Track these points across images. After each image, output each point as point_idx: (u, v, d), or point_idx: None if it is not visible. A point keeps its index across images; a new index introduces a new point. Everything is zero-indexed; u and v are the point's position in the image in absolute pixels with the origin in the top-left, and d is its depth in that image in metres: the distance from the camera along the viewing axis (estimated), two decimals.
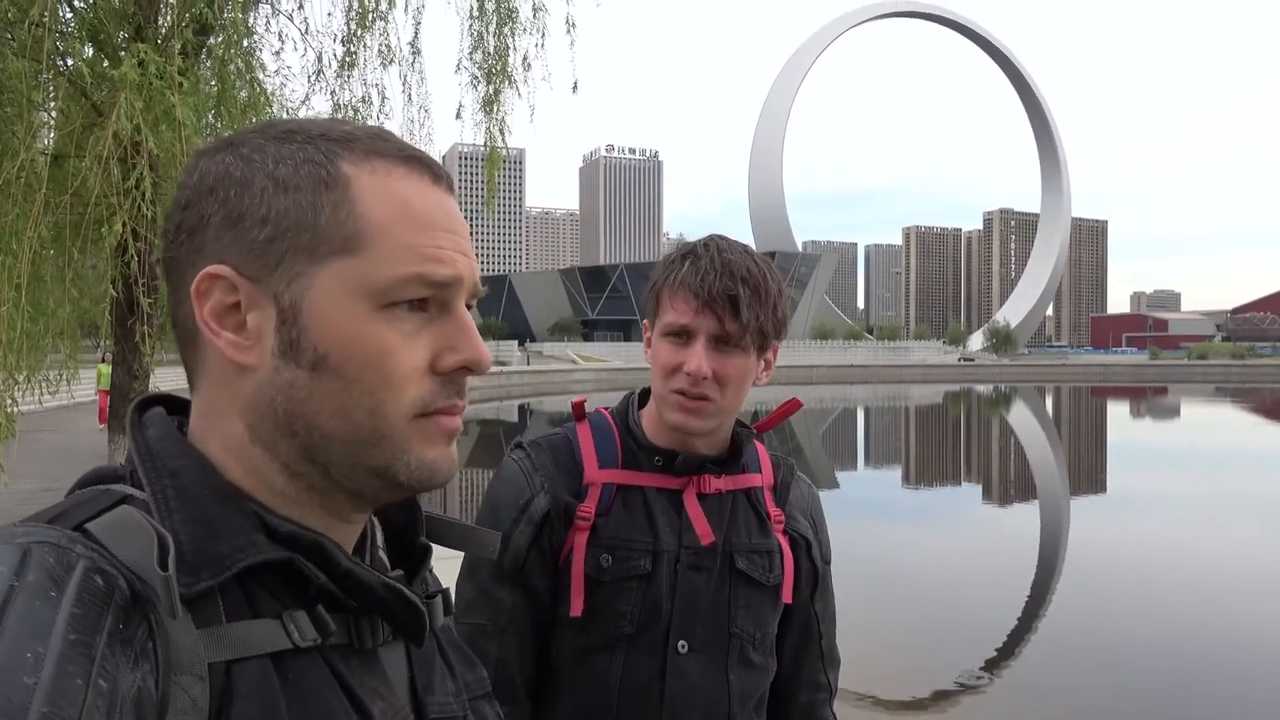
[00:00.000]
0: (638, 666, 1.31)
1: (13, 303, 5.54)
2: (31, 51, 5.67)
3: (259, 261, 0.62)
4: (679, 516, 1.34)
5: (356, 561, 0.64)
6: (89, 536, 0.56)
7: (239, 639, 0.58)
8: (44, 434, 14.90)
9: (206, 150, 0.66)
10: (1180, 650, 7.12)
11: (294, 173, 0.63)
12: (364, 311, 0.62)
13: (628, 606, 1.31)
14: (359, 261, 0.62)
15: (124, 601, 0.53)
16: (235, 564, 0.59)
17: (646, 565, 1.32)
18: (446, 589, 0.76)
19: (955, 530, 12.89)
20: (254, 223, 0.62)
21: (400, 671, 0.69)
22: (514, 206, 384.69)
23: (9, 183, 5.66)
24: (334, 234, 0.62)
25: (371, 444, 0.63)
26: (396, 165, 0.65)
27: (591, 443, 1.38)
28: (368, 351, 0.62)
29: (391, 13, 7.36)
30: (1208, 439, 27.77)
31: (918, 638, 7.50)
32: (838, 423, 35.35)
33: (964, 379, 75.62)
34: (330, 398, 0.62)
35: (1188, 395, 54.27)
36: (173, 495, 0.61)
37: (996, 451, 25.06)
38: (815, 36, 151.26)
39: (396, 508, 0.74)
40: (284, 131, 0.65)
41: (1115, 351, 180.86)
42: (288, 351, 0.62)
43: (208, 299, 0.62)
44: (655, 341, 1.33)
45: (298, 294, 0.62)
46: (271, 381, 0.63)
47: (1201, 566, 9.94)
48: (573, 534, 1.32)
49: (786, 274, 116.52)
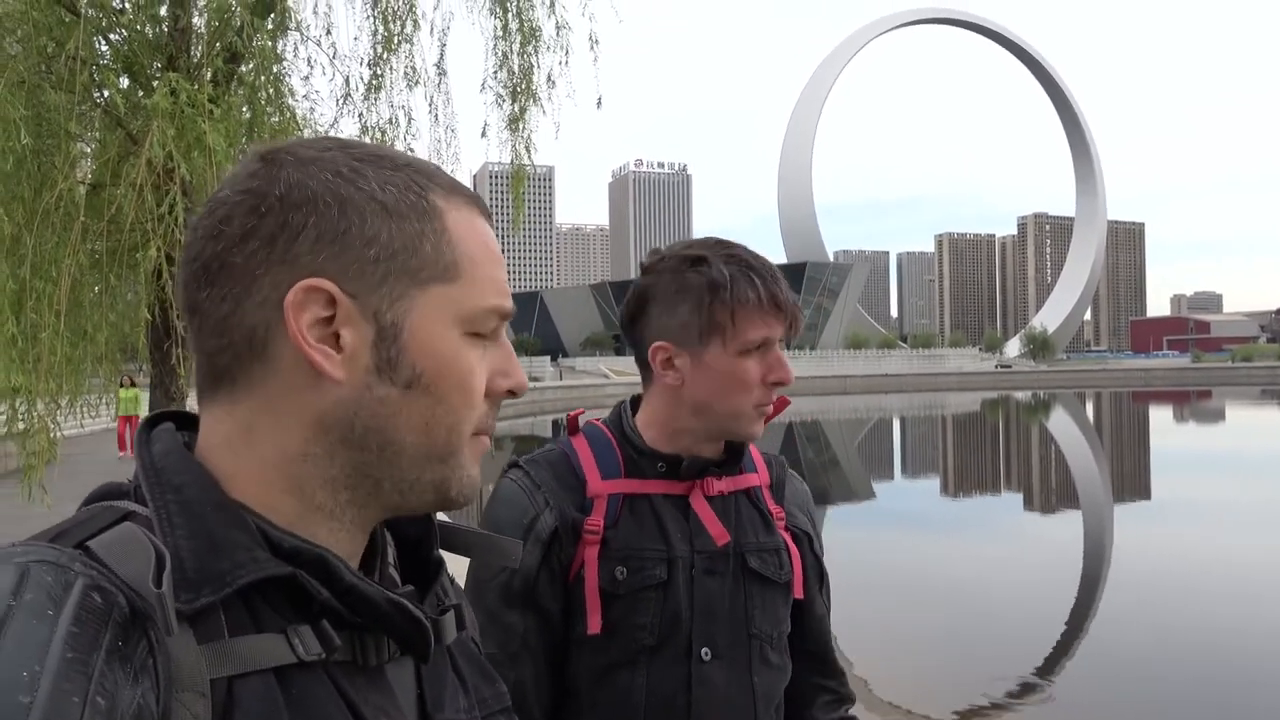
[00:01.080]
0: (661, 679, 1.28)
1: (53, 329, 5.68)
2: (68, 84, 5.82)
3: (361, 280, 0.63)
4: (687, 521, 1.33)
5: (360, 576, 0.64)
6: (89, 554, 0.56)
7: (241, 654, 0.58)
8: (85, 456, 15.18)
9: (276, 158, 0.65)
10: (1230, 667, 6.92)
11: (398, 200, 0.65)
12: (456, 336, 0.66)
13: (647, 618, 1.28)
14: (455, 289, 0.66)
15: (123, 619, 0.53)
16: (237, 580, 0.59)
17: (662, 573, 1.29)
18: (460, 604, 0.75)
19: (995, 540, 12.69)
20: (362, 242, 0.63)
21: (408, 688, 0.69)
22: (544, 223, 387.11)
23: (49, 211, 5.81)
24: (435, 262, 0.65)
25: (441, 459, 0.66)
26: (466, 202, 0.69)
27: (590, 455, 1.35)
28: (459, 373, 0.66)
29: (416, 35, 7.48)
30: (1256, 443, 27.13)
31: (955, 650, 7.38)
32: (873, 433, 35.04)
33: (1001, 386, 74.66)
34: (417, 414, 0.65)
35: (1233, 398, 53.10)
36: (175, 511, 0.61)
37: (1037, 459, 24.67)
38: (842, 46, 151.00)
39: (410, 521, 0.74)
40: (369, 154, 0.67)
41: (1156, 355, 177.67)
42: (384, 369, 0.64)
43: (304, 310, 0.62)
44: (726, 360, 1.29)
45: (399, 314, 0.64)
46: (358, 397, 0.64)
47: (1255, 578, 9.67)
48: (582, 549, 1.29)
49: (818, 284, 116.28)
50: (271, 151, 0.65)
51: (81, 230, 5.88)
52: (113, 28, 6.66)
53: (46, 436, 6.28)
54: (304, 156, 0.65)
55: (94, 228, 6.01)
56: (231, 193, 0.64)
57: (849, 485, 19.06)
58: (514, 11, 7.52)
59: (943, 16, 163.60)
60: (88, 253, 6.23)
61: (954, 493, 18.32)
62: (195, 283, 0.64)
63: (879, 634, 7.77)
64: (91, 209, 6.10)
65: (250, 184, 0.64)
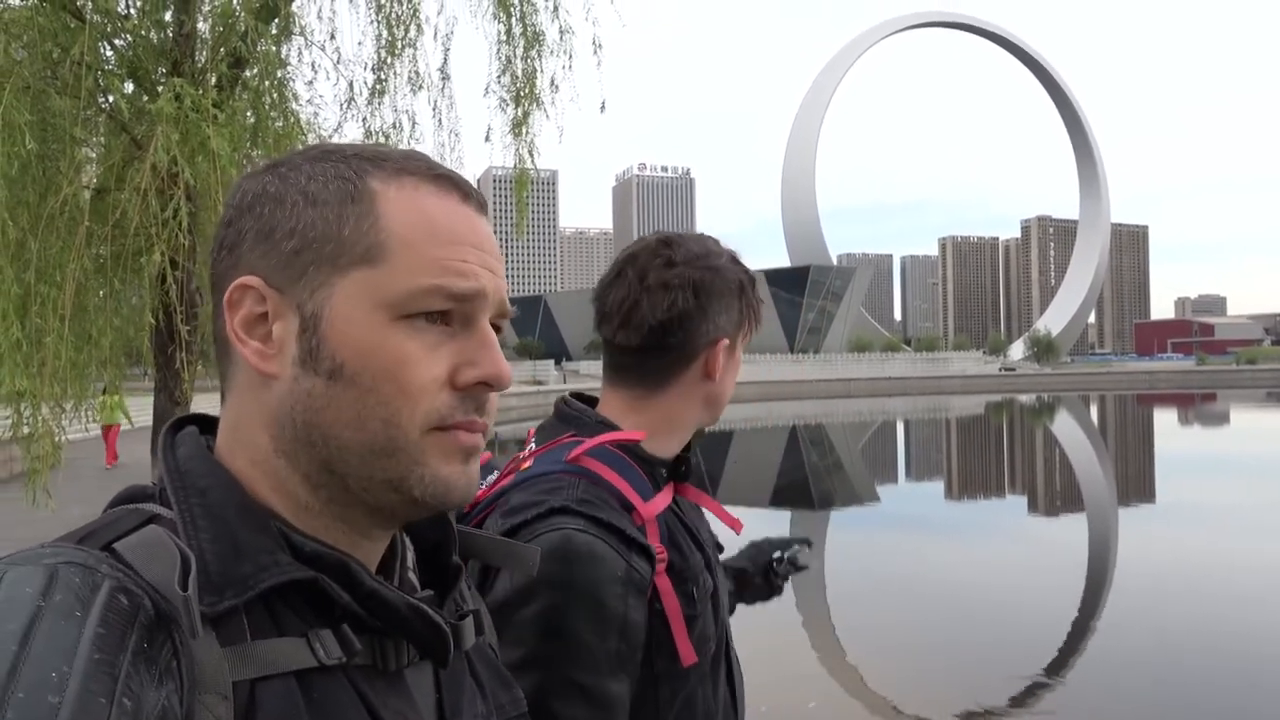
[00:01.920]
0: (718, 685, 1.29)
1: (57, 333, 5.69)
2: (73, 89, 5.83)
3: (285, 272, 0.64)
4: (690, 522, 1.32)
5: (381, 581, 0.64)
6: (116, 556, 0.57)
7: (263, 657, 0.59)
8: (89, 461, 15.20)
9: (252, 173, 0.69)
10: (1233, 671, 6.89)
11: (323, 188, 0.65)
12: (382, 321, 0.63)
13: (712, 629, 1.27)
14: (379, 272, 0.63)
15: (149, 621, 0.54)
16: (259, 583, 0.60)
17: (710, 580, 1.28)
18: (478, 609, 0.75)
19: (1000, 544, 12.66)
20: (283, 235, 0.64)
21: (427, 693, 0.69)
22: (548, 227, 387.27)
23: (53, 216, 5.83)
24: (356, 245, 0.63)
25: (386, 455, 0.63)
26: (425, 182, 0.66)
27: (619, 476, 1.21)
28: (384, 361, 0.63)
29: (420, 40, 7.49)
30: (1261, 445, 27.05)
31: (959, 654, 7.36)
32: (877, 436, 34.98)
33: (1005, 389, 74.51)
34: (346, 407, 0.63)
35: (1238, 401, 52.95)
36: (199, 514, 0.62)
37: (1041, 462, 24.62)
38: (846, 49, 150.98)
39: (429, 525, 0.74)
40: (322, 152, 0.67)
41: (1160, 358, 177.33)
42: (307, 360, 0.63)
43: (238, 309, 0.65)
44: (739, 354, 1.35)
45: (319, 303, 0.63)
46: (291, 391, 0.64)
47: (1262, 582, 9.63)
48: (652, 579, 1.18)
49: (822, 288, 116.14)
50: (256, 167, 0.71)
51: (86, 235, 5.89)
52: (118, 33, 6.67)
53: (51, 441, 6.29)
54: (268, 165, 0.68)
55: (98, 232, 6.03)
56: (224, 208, 0.69)
57: (853, 489, 19.02)
58: (517, 16, 7.54)
59: (946, 20, 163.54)
60: (92, 257, 6.25)
61: (958, 496, 18.28)
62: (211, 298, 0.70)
63: (882, 637, 7.75)
64: (96, 214, 6.11)
65: (228, 200, 0.69)
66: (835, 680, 6.61)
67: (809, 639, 7.53)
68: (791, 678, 6.34)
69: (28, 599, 0.50)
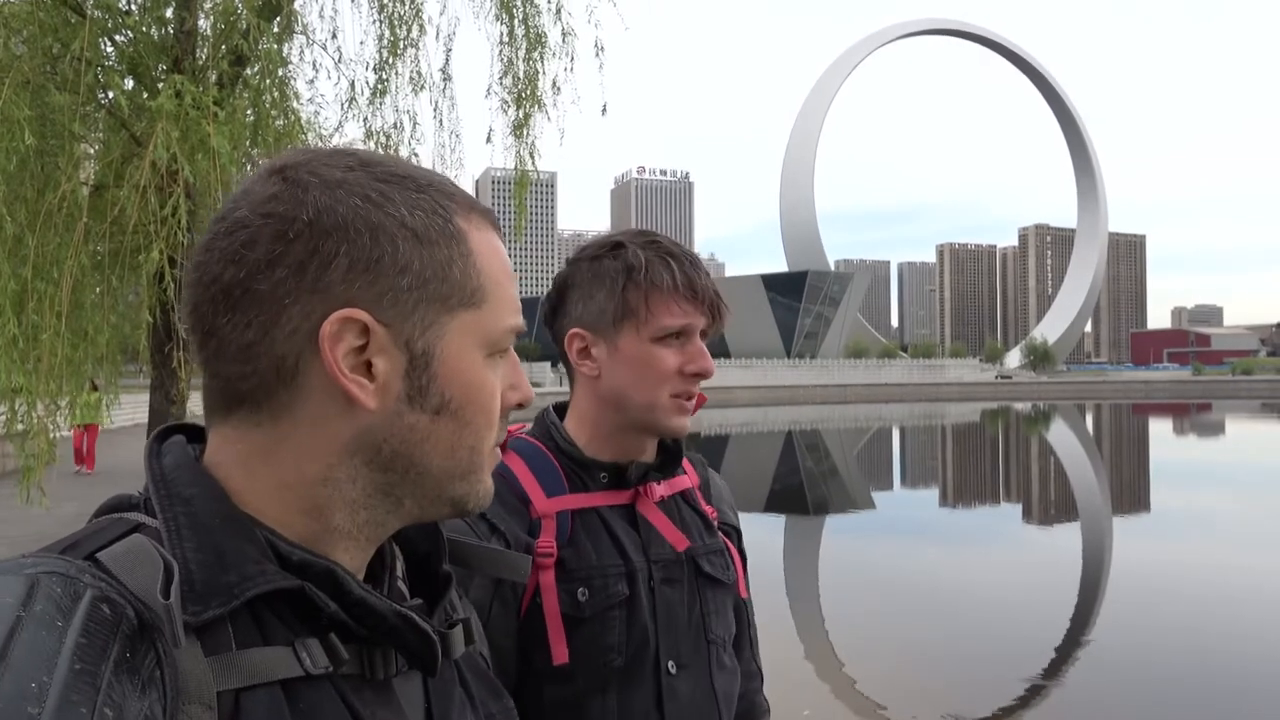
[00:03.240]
0: (632, 701, 1.22)
1: (54, 330, 5.67)
2: (73, 85, 5.82)
3: (395, 309, 0.63)
4: (637, 531, 1.28)
5: (369, 590, 0.64)
6: (99, 566, 0.56)
7: (248, 667, 0.58)
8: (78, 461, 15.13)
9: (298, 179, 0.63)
10: (1226, 678, 6.90)
11: (427, 225, 0.65)
12: (481, 360, 0.67)
13: (615, 638, 1.22)
14: (481, 314, 0.67)
15: (131, 630, 0.53)
16: (244, 592, 0.59)
17: (624, 589, 1.24)
18: (469, 618, 0.75)
19: (994, 552, 12.66)
20: (392, 270, 0.63)
21: (416, 702, 0.69)
22: (546, 229, 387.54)
23: (51, 212, 5.81)
24: (464, 287, 0.66)
25: (462, 478, 0.67)
26: (485, 220, 0.69)
27: (529, 471, 1.26)
28: (484, 397, 0.68)
29: (422, 40, 7.48)
30: (1255, 456, 27.11)
31: (953, 662, 7.35)
32: (873, 442, 35.01)
33: (1001, 396, 74.66)
34: (444, 439, 0.66)
35: (1232, 411, 53.11)
36: (184, 523, 0.61)
37: (1036, 470, 24.64)
38: (845, 55, 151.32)
39: (420, 535, 0.75)
40: (393, 175, 0.65)
41: (1156, 367, 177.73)
42: (415, 396, 0.64)
43: (340, 341, 0.62)
44: (640, 346, 1.25)
45: (430, 342, 0.65)
46: (388, 424, 0.64)
47: (1252, 589, 9.65)
48: (535, 574, 1.20)
49: (819, 293, 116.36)
50: (291, 169, 0.64)
51: (84, 231, 5.87)
52: (118, 29, 6.66)
53: (45, 438, 6.27)
54: (329, 179, 0.63)
55: (96, 229, 6.01)
56: (252, 214, 0.62)
57: (848, 495, 19.03)
58: (520, 18, 7.53)
59: (946, 28, 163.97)
60: (90, 254, 6.22)
61: (953, 503, 18.29)
62: (213, 306, 0.62)
63: (877, 645, 7.74)
64: (94, 210, 6.09)
65: (273, 207, 0.62)
66: (829, 688, 6.60)
67: (804, 648, 7.52)
68: (786, 686, 6.33)
69: (8, 609, 0.50)
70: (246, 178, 0.68)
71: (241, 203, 0.63)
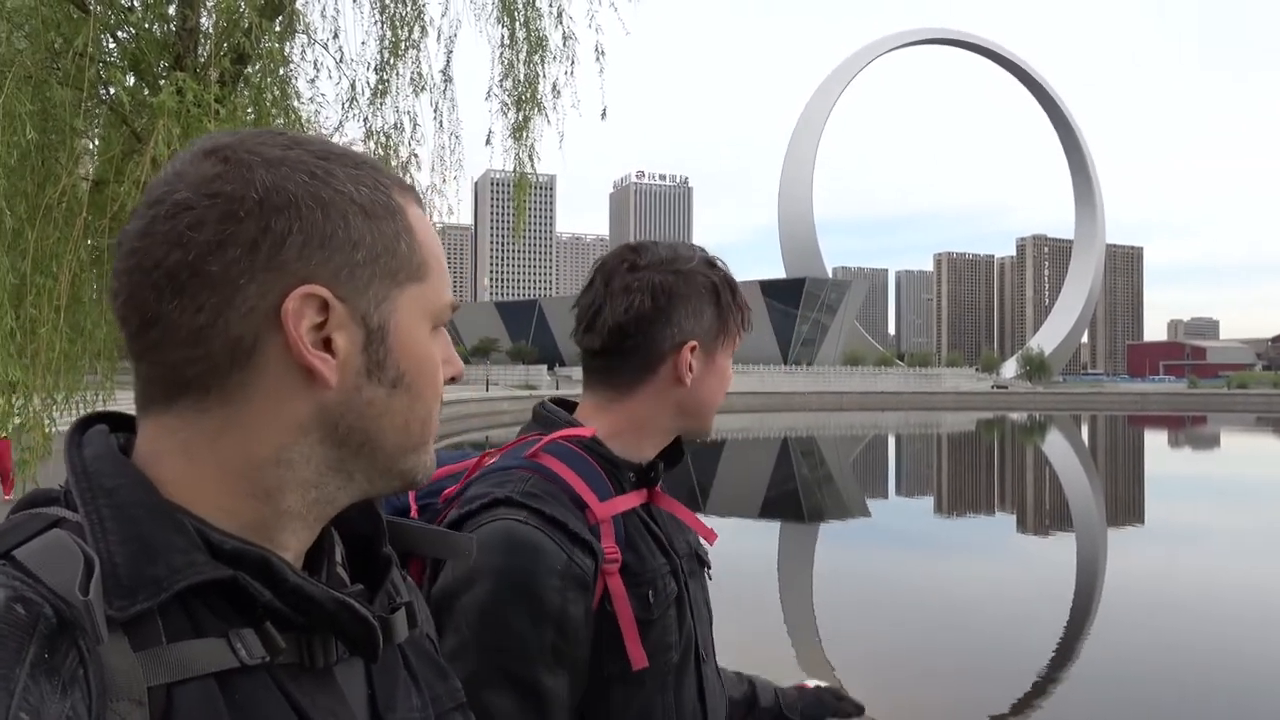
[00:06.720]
0: (684, 695, 1.25)
1: (52, 324, 5.66)
2: (75, 80, 5.82)
3: (351, 283, 0.63)
4: (660, 528, 1.30)
5: (304, 576, 0.63)
6: (15, 564, 0.54)
7: (180, 660, 0.57)
8: None
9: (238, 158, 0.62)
10: (1222, 686, 6.90)
11: (372, 200, 0.65)
12: (427, 333, 0.68)
13: (674, 636, 1.24)
14: (425, 287, 0.68)
15: (50, 630, 0.52)
16: (174, 584, 0.58)
17: (674, 586, 1.26)
18: (411, 601, 0.73)
19: (988, 562, 12.67)
20: (345, 245, 0.63)
21: (359, 689, 0.68)
22: (545, 232, 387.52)
23: (51, 207, 5.81)
24: (410, 261, 0.67)
25: (414, 450, 0.68)
26: (412, 196, 0.70)
27: (577, 476, 1.22)
28: (431, 370, 0.69)
29: (424, 41, 7.47)
30: (1250, 470, 27.15)
31: (947, 670, 7.36)
32: (868, 450, 35.02)
33: (997, 406, 74.70)
34: (399, 412, 0.66)
35: (1228, 425, 53.20)
36: (108, 515, 0.59)
37: (1031, 481, 24.66)
38: (845, 64, 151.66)
39: (360, 517, 0.73)
40: (329, 152, 0.65)
41: (1152, 380, 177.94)
42: (374, 370, 0.65)
43: (302, 318, 0.61)
44: (727, 362, 1.34)
45: (384, 316, 0.65)
46: (347, 400, 0.64)
47: (1246, 603, 9.66)
48: (602, 581, 1.17)
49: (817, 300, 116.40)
50: (228, 149, 0.62)
51: (83, 226, 5.87)
52: (121, 25, 6.66)
53: (42, 432, 6.26)
54: (270, 157, 0.62)
55: (96, 224, 6.01)
56: (195, 196, 0.60)
57: (844, 502, 19.03)
58: (521, 21, 7.54)
59: (946, 37, 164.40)
60: (89, 249, 6.22)
61: (948, 512, 18.30)
62: (156, 293, 0.60)
63: (870, 652, 7.74)
64: (94, 206, 6.09)
65: (219, 186, 0.60)
66: None
67: (795, 655, 7.52)
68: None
69: None
70: (170, 161, 0.64)
71: (178, 185, 0.61)
